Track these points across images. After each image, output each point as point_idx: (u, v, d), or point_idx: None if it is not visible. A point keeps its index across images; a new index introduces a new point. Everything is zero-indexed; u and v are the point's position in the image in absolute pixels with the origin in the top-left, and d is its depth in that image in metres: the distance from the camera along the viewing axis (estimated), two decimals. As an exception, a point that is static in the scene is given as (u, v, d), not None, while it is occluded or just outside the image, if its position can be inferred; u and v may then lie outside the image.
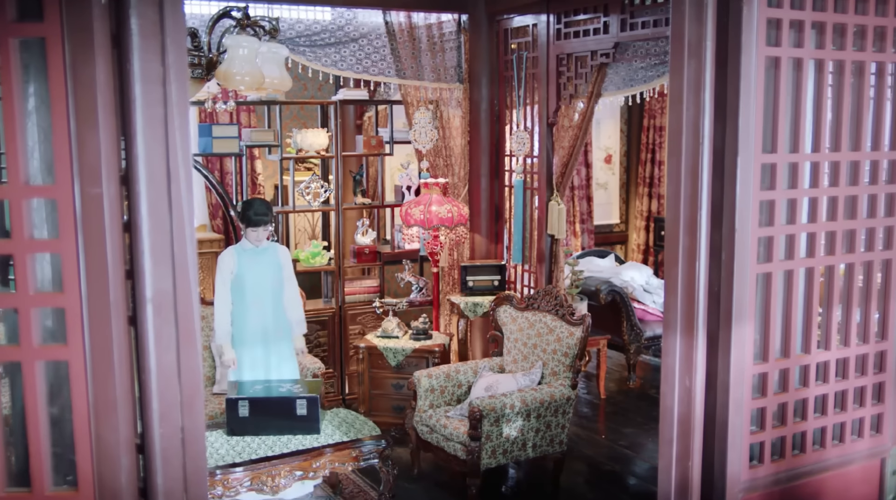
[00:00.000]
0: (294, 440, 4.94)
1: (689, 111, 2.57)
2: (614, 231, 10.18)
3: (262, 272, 5.32)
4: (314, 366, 5.81)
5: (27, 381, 1.78)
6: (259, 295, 5.31)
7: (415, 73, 6.74)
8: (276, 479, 4.74)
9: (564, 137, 6.44)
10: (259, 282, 5.31)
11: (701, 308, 2.63)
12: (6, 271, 1.87)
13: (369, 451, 4.99)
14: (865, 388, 2.93)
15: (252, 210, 5.21)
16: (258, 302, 5.31)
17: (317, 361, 5.90)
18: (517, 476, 6.09)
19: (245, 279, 5.28)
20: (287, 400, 5.00)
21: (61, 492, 1.83)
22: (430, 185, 6.63)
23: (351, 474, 5.72)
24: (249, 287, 5.29)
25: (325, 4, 6.32)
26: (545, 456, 5.60)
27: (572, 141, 6.41)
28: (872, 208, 2.84)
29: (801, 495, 2.83)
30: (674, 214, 2.66)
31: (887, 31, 2.76)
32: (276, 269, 5.40)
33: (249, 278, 5.28)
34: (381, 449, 5.02)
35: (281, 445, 4.87)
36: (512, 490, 5.97)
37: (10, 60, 1.67)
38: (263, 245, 5.33)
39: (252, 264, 5.30)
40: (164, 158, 1.83)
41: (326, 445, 4.92)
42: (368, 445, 4.98)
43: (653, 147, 9.79)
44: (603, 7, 5.92)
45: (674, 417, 2.70)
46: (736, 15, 2.48)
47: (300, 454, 4.83)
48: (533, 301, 6.01)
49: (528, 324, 5.94)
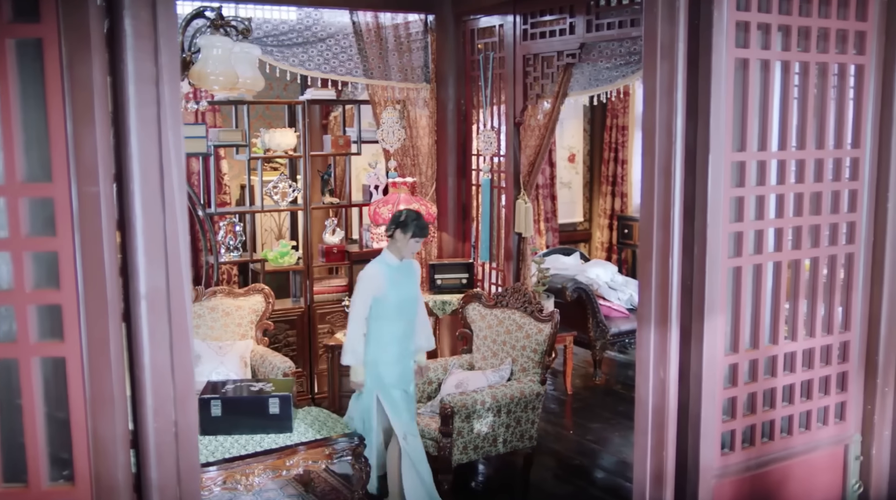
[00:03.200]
0: (267, 438, 4.95)
1: (662, 111, 2.66)
2: (578, 229, 10.31)
3: (407, 289, 4.95)
4: (285, 365, 5.82)
5: (24, 377, 1.80)
6: (402, 313, 4.94)
7: (382, 73, 6.78)
8: (251, 477, 4.75)
9: (531, 136, 6.53)
10: (404, 299, 4.93)
11: (674, 302, 2.72)
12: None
13: (343, 448, 5.02)
14: (830, 377, 3.05)
15: (419, 221, 4.83)
16: (401, 320, 4.94)
17: (287, 360, 5.92)
18: (487, 472, 6.15)
19: (390, 297, 4.86)
20: (259, 399, 5.01)
21: (58, 487, 1.85)
22: (398, 184, 6.68)
23: (323, 472, 5.74)
24: (395, 305, 4.88)
25: (292, 4, 6.33)
26: (515, 452, 5.67)
27: (539, 140, 6.49)
28: (835, 204, 2.95)
29: (769, 480, 2.93)
30: (648, 211, 2.74)
31: (848, 34, 2.88)
32: (416, 284, 5.07)
33: (394, 295, 4.87)
34: (355, 446, 5.05)
35: (254, 444, 4.88)
36: (483, 486, 6.04)
37: (6, 61, 1.69)
38: (407, 259, 4.98)
39: (398, 280, 4.89)
40: (157, 156, 1.86)
41: (300, 443, 4.94)
42: (342, 442, 5.01)
43: (615, 146, 9.93)
44: (569, 8, 6.02)
45: (648, 408, 2.79)
46: (707, 18, 2.57)
47: (274, 453, 4.84)
48: (502, 298, 6.08)
49: (497, 321, 6.01)
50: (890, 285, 3.03)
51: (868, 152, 2.97)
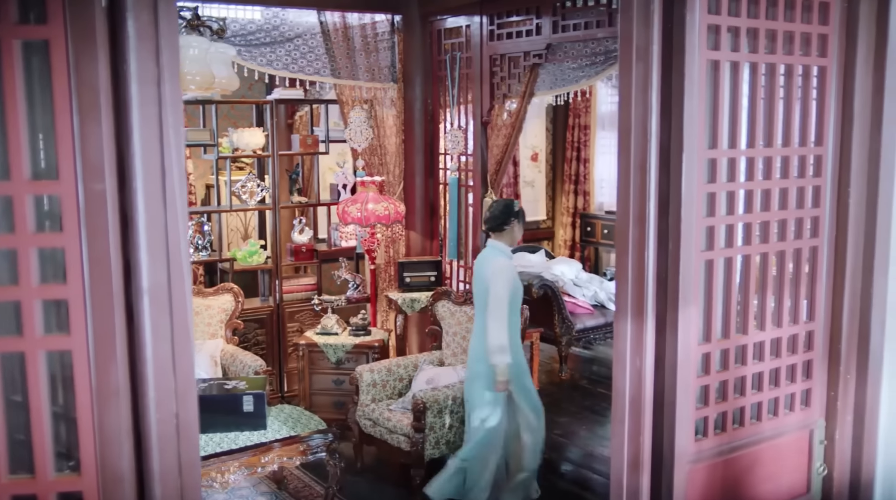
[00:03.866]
0: (241, 436, 4.98)
1: (638, 110, 2.76)
2: (541, 227, 10.43)
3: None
4: (256, 364, 5.84)
5: (30, 370, 1.83)
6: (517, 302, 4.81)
7: (349, 72, 6.82)
8: (226, 475, 4.79)
9: (498, 135, 6.62)
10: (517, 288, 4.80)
11: (650, 294, 2.82)
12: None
13: (317, 445, 5.08)
14: (796, 365, 3.18)
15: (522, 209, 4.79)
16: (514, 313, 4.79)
17: (258, 359, 5.94)
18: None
19: (516, 287, 4.75)
20: (233, 397, 5.04)
21: (64, 477, 1.89)
22: (366, 183, 6.73)
23: (296, 469, 5.78)
24: (515, 297, 4.76)
25: (260, 4, 6.35)
26: (486, 446, 5.75)
27: (506, 139, 6.59)
28: (800, 200, 3.08)
29: (740, 465, 3.05)
30: (624, 207, 2.84)
31: (811, 37, 3.01)
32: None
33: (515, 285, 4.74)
34: (329, 442, 5.11)
35: (229, 441, 4.91)
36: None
37: (13, 61, 1.73)
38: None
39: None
40: (159, 155, 1.91)
41: (274, 440, 4.97)
42: (316, 439, 5.06)
43: (578, 145, 10.07)
44: (535, 9, 6.12)
45: (625, 396, 2.89)
46: (680, 21, 2.68)
47: (249, 450, 4.88)
48: (471, 295, 6.17)
49: (467, 318, 6.09)
50: (852, 277, 3.18)
51: (830, 150, 3.11)
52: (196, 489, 2.05)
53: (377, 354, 6.50)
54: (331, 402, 6.54)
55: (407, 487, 5.60)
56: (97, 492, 1.89)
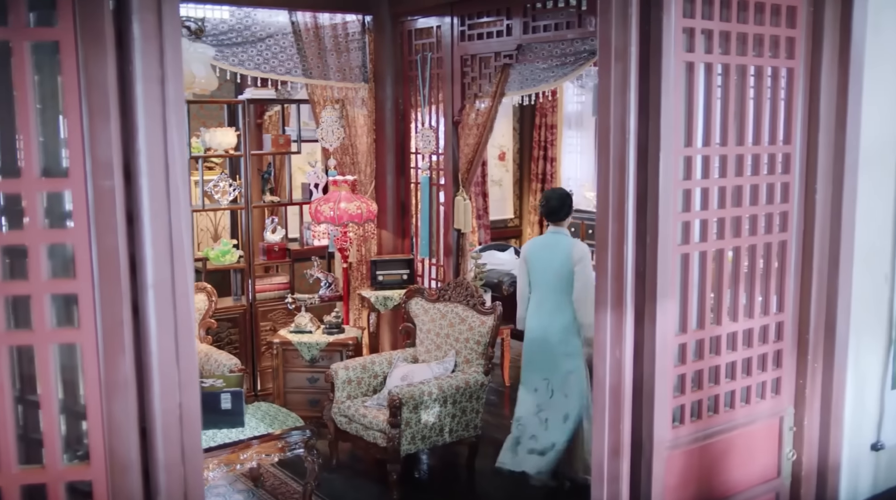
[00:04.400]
0: (219, 434, 5.02)
1: (617, 110, 2.86)
2: (509, 226, 10.56)
3: None
4: (230, 362, 5.87)
5: (41, 363, 1.88)
6: None
7: (321, 72, 6.87)
8: (205, 472, 4.82)
9: (469, 134, 6.71)
10: None
11: (629, 287, 2.93)
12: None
13: (295, 441, 5.13)
14: (767, 355, 3.31)
15: None
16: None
17: (233, 357, 5.97)
18: (433, 462, 6.32)
19: None
20: (212, 395, 5.07)
21: (73, 467, 1.94)
22: (339, 182, 6.78)
23: (272, 467, 5.82)
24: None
25: (230, 4, 6.36)
26: (461, 441, 5.85)
27: (477, 138, 6.68)
28: (770, 196, 3.21)
29: (715, 450, 3.17)
30: (603, 203, 2.94)
31: (780, 40, 3.13)
32: None
33: None
34: (307, 439, 5.16)
35: (207, 439, 4.94)
36: (430, 475, 6.21)
37: (23, 62, 1.78)
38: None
39: None
40: (163, 153, 1.97)
41: (253, 437, 5.02)
42: (294, 435, 5.11)
43: (545, 145, 10.21)
44: (506, 10, 6.22)
45: (606, 385, 2.99)
46: (657, 24, 2.79)
47: (227, 447, 4.92)
48: (444, 293, 6.26)
49: (441, 315, 6.17)
50: (819, 270, 3.31)
51: (798, 148, 3.24)
52: (198, 476, 2.11)
53: (351, 351, 6.56)
54: (305, 400, 6.59)
55: (383, 483, 5.67)
56: (105, 480, 1.94)
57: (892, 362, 3.67)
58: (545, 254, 5.39)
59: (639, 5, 2.80)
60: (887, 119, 3.49)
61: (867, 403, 3.63)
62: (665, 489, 3.02)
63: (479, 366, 5.92)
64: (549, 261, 5.35)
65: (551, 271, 5.34)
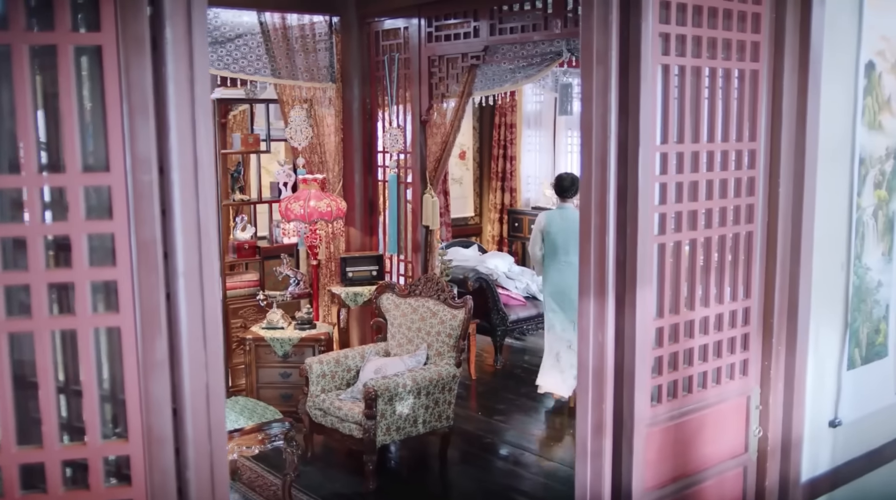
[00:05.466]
0: (200, 427, 5.11)
1: (598, 110, 3.06)
2: (469, 224, 10.75)
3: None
4: (206, 358, 5.95)
5: (82, 346, 2.00)
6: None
7: (289, 72, 6.97)
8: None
9: (437, 133, 6.88)
10: None
11: (610, 275, 3.13)
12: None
13: (275, 433, 5.24)
14: (735, 339, 3.53)
15: None
16: None
17: (208, 353, 6.04)
18: (407, 453, 6.47)
19: None
20: (192, 389, 5.15)
21: (112, 443, 2.06)
22: (308, 181, 6.90)
23: (248, 461, 5.92)
24: None
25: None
26: (434, 431, 6.02)
27: (445, 137, 6.85)
28: (738, 189, 3.44)
29: (689, 427, 3.39)
30: (586, 196, 3.14)
31: (746, 45, 3.36)
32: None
33: None
34: (286, 431, 5.27)
35: (188, 432, 5.03)
36: (404, 465, 6.36)
37: (68, 64, 1.90)
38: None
39: None
40: (192, 150, 2.10)
41: (233, 430, 5.12)
42: (275, 427, 5.22)
43: (504, 143, 10.42)
44: (473, 12, 6.40)
45: (589, 368, 3.19)
46: (635, 29, 2.99)
47: (209, 440, 5.01)
48: (415, 288, 6.42)
49: (412, 309, 6.33)
50: (782, 259, 3.55)
51: (763, 145, 3.48)
52: (223, 452, 2.24)
53: (323, 347, 6.68)
54: (278, 395, 6.70)
55: (359, 473, 5.81)
56: (143, 455, 2.07)
57: (848, 344, 3.94)
58: (560, 222, 6.86)
59: (619, 12, 3.00)
60: (843, 117, 3.75)
61: (826, 383, 3.89)
62: (645, 464, 3.23)
63: (450, 358, 6.09)
64: (564, 226, 6.81)
65: (569, 233, 6.70)
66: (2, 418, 1.97)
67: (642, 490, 3.24)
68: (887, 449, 4.28)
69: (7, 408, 1.98)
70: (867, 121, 3.83)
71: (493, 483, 5.83)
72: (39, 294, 1.95)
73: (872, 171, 3.89)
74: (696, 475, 3.45)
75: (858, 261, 3.90)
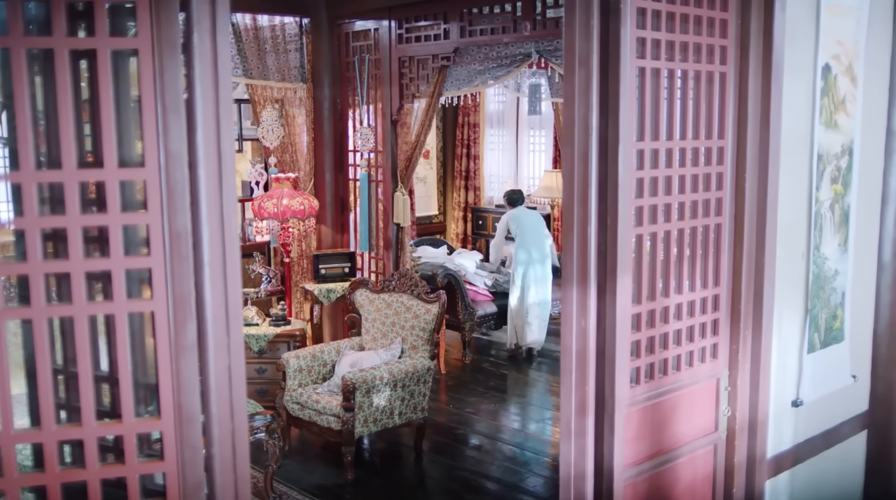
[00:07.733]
0: (184, 421, 5.21)
1: (581, 109, 3.26)
2: (433, 222, 10.92)
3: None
4: (184, 354, 6.04)
5: (118, 330, 2.14)
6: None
7: (261, 73, 7.09)
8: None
9: (408, 132, 7.05)
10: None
11: (592, 264, 3.33)
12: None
13: (258, 426, 5.36)
14: (706, 324, 3.77)
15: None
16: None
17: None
18: (382, 444, 6.63)
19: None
20: (175, 384, 5.25)
21: (145, 420, 2.20)
22: (281, 179, 7.02)
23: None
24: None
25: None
26: (409, 423, 6.19)
27: (416, 136, 7.03)
28: (707, 184, 3.67)
29: (665, 407, 3.61)
30: (569, 190, 3.34)
31: (714, 48, 3.59)
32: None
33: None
34: (268, 424, 5.40)
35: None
36: (380, 456, 6.52)
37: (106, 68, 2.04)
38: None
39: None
40: (216, 146, 2.24)
41: (217, 423, 5.23)
42: (258, 420, 5.35)
43: (468, 143, 10.62)
44: (443, 15, 6.59)
45: (572, 352, 3.39)
46: (615, 34, 3.20)
47: (193, 433, 5.11)
48: (388, 284, 6.58)
49: (386, 304, 6.49)
50: (748, 249, 3.79)
51: (730, 142, 3.71)
52: (243, 431, 2.39)
53: (298, 342, 6.81)
54: (254, 390, 6.81)
55: (337, 465, 5.96)
56: (174, 431, 2.21)
57: (808, 329, 4.20)
58: (528, 218, 8.44)
59: (599, 18, 3.20)
60: (803, 117, 4.01)
61: (788, 365, 4.15)
62: (625, 442, 3.44)
63: (425, 352, 6.26)
64: (531, 222, 8.41)
65: (537, 230, 8.42)
66: (42, 398, 2.10)
67: (623, 467, 3.45)
68: (843, 428, 4.56)
69: (47, 389, 2.11)
70: (824, 120, 4.09)
71: (465, 471, 6.02)
72: (79, 281, 2.09)
73: (829, 167, 4.16)
74: (671, 452, 3.68)
75: (817, 251, 4.16)
